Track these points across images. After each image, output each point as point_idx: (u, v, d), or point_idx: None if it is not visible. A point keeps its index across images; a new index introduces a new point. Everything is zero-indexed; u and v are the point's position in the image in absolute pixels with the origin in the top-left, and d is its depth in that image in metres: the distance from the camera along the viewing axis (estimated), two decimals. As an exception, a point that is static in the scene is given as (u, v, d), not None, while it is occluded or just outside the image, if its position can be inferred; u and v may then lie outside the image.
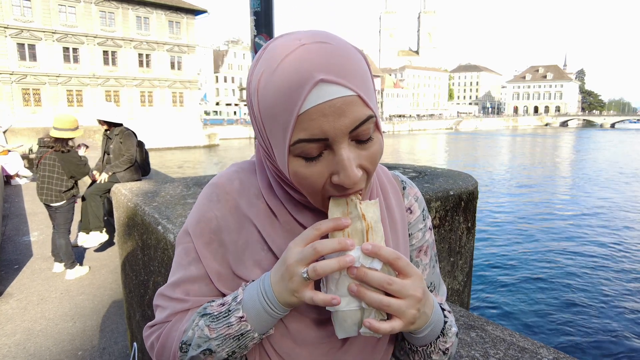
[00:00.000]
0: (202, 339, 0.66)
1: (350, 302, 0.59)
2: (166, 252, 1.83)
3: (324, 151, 0.59)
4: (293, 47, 0.56)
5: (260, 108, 0.60)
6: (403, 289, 0.59)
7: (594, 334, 7.07)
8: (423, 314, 0.62)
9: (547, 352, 1.69)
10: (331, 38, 0.58)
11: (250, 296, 0.65)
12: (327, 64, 0.55)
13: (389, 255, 0.59)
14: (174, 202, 2.21)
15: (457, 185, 2.68)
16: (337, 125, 0.55)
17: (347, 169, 0.57)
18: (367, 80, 0.59)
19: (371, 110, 0.58)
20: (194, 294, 0.73)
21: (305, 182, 0.61)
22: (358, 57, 0.59)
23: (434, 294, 0.85)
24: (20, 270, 5.11)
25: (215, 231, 0.72)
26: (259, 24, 2.46)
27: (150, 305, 2.27)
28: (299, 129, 0.56)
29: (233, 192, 0.73)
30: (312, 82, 0.54)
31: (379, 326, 0.58)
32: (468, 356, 1.67)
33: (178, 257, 0.76)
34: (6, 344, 3.54)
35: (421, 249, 0.84)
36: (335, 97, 0.54)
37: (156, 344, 0.74)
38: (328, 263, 0.58)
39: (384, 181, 0.80)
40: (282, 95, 0.55)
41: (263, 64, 0.59)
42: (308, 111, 0.55)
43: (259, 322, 0.64)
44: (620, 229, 13.88)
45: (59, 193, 4.68)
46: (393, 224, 0.77)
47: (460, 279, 2.83)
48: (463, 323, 1.94)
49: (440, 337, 0.70)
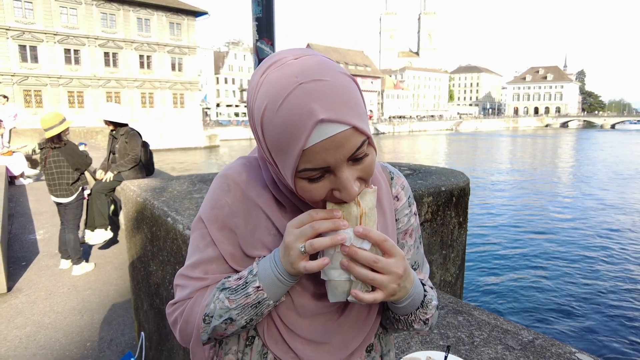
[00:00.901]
0: (223, 310, 0.75)
1: (342, 274, 0.71)
2: (175, 241, 1.96)
3: (326, 173, 0.68)
4: (291, 87, 0.62)
5: (265, 139, 0.68)
6: (387, 266, 0.69)
7: (577, 318, 7.79)
8: (403, 287, 0.73)
9: (527, 333, 1.83)
10: (324, 71, 0.65)
11: (264, 268, 0.75)
12: (324, 104, 0.62)
13: (377, 237, 0.69)
14: (182, 197, 2.35)
15: (449, 181, 2.82)
16: (337, 156, 0.65)
17: (348, 189, 0.68)
18: (359, 107, 0.67)
19: (365, 135, 0.67)
20: (212, 272, 0.83)
21: (309, 194, 0.71)
22: (351, 87, 0.67)
23: (418, 271, 0.97)
24: (28, 266, 5.25)
25: (227, 217, 0.81)
26: (261, 29, 2.60)
27: (158, 295, 2.41)
28: (304, 161, 0.65)
29: (242, 183, 0.82)
30: (313, 122, 0.61)
31: (363, 296, 0.70)
32: (455, 337, 1.81)
33: (195, 241, 0.86)
34: (17, 335, 3.68)
35: (407, 232, 0.95)
36: (335, 134, 0.63)
37: (180, 320, 0.83)
38: (322, 240, 0.69)
39: (374, 172, 0.91)
40: (286, 134, 0.63)
41: (265, 97, 0.65)
42: (311, 148, 0.63)
43: (273, 290, 0.75)
44: (609, 224, 14.48)
45: (68, 186, 4.84)
46: (381, 209, 0.89)
47: (452, 272, 2.96)
48: (451, 308, 2.07)
49: (420, 309, 0.82)
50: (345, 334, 0.85)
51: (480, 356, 1.65)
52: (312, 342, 0.82)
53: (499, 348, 1.71)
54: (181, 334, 0.84)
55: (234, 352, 0.87)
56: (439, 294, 2.27)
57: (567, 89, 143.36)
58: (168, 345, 2.38)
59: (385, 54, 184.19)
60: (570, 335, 7.20)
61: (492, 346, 1.73)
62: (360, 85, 0.72)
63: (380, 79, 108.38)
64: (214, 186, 0.86)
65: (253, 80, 0.70)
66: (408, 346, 1.72)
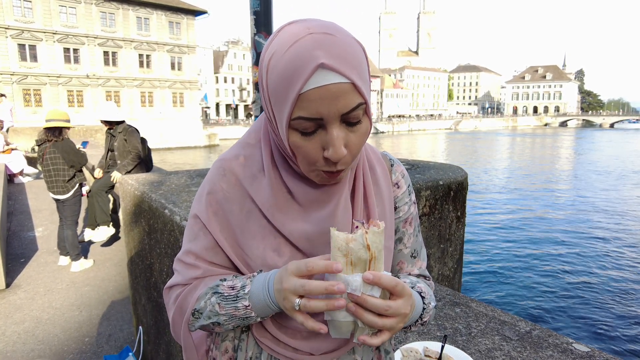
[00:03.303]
0: (213, 313, 0.77)
1: (347, 316, 0.67)
2: (172, 233, 1.96)
3: (319, 129, 0.68)
4: (302, 35, 0.65)
5: (268, 84, 0.69)
6: (397, 310, 0.67)
7: (574, 310, 7.99)
8: (406, 319, 0.71)
9: (524, 324, 1.83)
10: (337, 30, 0.67)
11: (257, 290, 0.74)
12: (328, 52, 0.63)
13: (388, 283, 0.66)
14: (179, 190, 2.35)
15: (446, 176, 2.82)
16: (331, 108, 0.65)
17: (335, 146, 0.67)
18: (363, 71, 0.67)
19: (362, 98, 0.67)
20: (204, 258, 0.84)
21: (300, 150, 0.70)
22: (358, 49, 0.68)
23: (417, 259, 0.98)
24: (27, 263, 5.25)
25: (222, 202, 0.82)
26: (259, 23, 2.59)
27: (156, 288, 2.41)
28: (299, 108, 0.65)
29: (238, 167, 0.83)
30: (313, 66, 0.62)
31: (371, 341, 0.68)
32: (452, 328, 1.81)
33: (189, 226, 0.87)
34: (16, 331, 3.68)
35: (407, 220, 0.95)
36: (332, 83, 0.63)
37: (174, 305, 0.85)
38: (318, 304, 0.66)
39: (372, 159, 0.91)
40: (287, 75, 0.64)
41: (275, 45, 0.67)
42: (307, 92, 0.63)
43: (262, 312, 0.75)
44: (605, 219, 14.73)
45: (64, 183, 4.83)
46: (380, 195, 0.89)
47: (450, 265, 2.97)
48: (449, 300, 2.07)
49: (419, 320, 0.84)
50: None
51: (478, 346, 1.66)
52: (305, 330, 0.82)
53: (496, 339, 1.71)
54: (173, 322, 0.87)
55: (230, 339, 0.88)
56: (437, 286, 2.27)
57: (566, 88, 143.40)
58: (166, 338, 2.38)
59: (384, 53, 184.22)
60: (567, 326, 7.35)
61: (489, 337, 1.73)
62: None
63: (380, 78, 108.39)
64: (211, 171, 0.87)
65: (269, 39, 0.72)
66: (405, 337, 1.72)
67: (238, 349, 0.87)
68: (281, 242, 0.80)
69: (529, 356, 1.57)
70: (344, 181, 0.81)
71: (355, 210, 0.84)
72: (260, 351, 0.85)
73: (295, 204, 0.80)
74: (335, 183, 0.79)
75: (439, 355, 1.45)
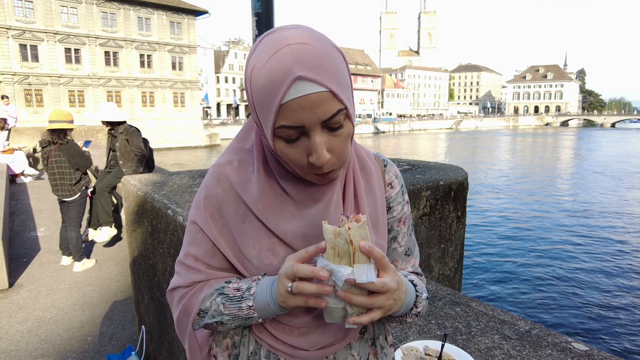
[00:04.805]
0: (217, 312, 0.81)
1: (337, 302, 0.72)
2: (175, 233, 1.98)
3: (302, 136, 0.71)
4: (280, 46, 0.67)
5: (252, 95, 0.72)
6: (383, 286, 0.71)
7: (573, 310, 8.04)
8: (398, 299, 0.76)
9: (524, 323, 1.85)
10: (313, 39, 0.69)
11: (262, 291, 0.78)
12: (305, 64, 0.65)
13: (378, 253, 0.71)
14: (182, 190, 2.37)
15: (447, 176, 2.84)
16: (312, 116, 0.68)
17: (318, 152, 0.70)
18: (341, 77, 0.70)
19: (342, 104, 0.69)
20: (202, 260, 0.87)
21: (287, 157, 0.74)
22: (335, 56, 0.70)
23: (410, 257, 1.00)
24: (29, 263, 5.28)
25: (218, 206, 0.85)
26: (260, 25, 2.61)
27: (159, 287, 2.43)
28: (282, 117, 0.68)
29: (232, 172, 0.86)
30: (291, 78, 0.65)
31: (360, 320, 0.72)
32: (452, 327, 1.83)
33: (188, 230, 0.90)
34: (19, 330, 3.70)
35: (401, 220, 0.98)
36: (311, 93, 0.66)
37: (179, 306, 0.87)
38: (309, 286, 0.70)
39: (365, 159, 0.93)
40: (268, 87, 0.67)
41: (255, 57, 0.70)
42: (288, 103, 0.66)
43: (264, 313, 0.78)
44: (606, 219, 14.78)
45: (70, 187, 4.84)
46: (372, 194, 0.91)
47: (451, 265, 2.98)
48: (449, 300, 2.09)
49: (413, 308, 0.86)
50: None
51: (477, 345, 1.67)
52: (302, 327, 0.84)
53: (496, 338, 1.73)
54: (178, 323, 0.89)
55: (230, 336, 0.92)
56: (437, 286, 2.29)
57: (567, 87, 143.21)
58: (168, 337, 2.40)
59: (385, 52, 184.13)
60: (566, 325, 7.41)
61: (489, 336, 1.75)
62: (360, 84, 0.75)
63: (381, 78, 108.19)
64: (207, 176, 0.90)
65: (251, 49, 0.75)
66: (405, 336, 1.74)
67: (240, 344, 0.90)
68: (275, 242, 0.84)
69: (528, 355, 1.59)
70: (336, 180, 0.85)
71: (346, 207, 0.87)
72: (259, 347, 0.87)
73: (289, 204, 0.83)
74: (328, 182, 0.83)
75: (439, 354, 1.46)
